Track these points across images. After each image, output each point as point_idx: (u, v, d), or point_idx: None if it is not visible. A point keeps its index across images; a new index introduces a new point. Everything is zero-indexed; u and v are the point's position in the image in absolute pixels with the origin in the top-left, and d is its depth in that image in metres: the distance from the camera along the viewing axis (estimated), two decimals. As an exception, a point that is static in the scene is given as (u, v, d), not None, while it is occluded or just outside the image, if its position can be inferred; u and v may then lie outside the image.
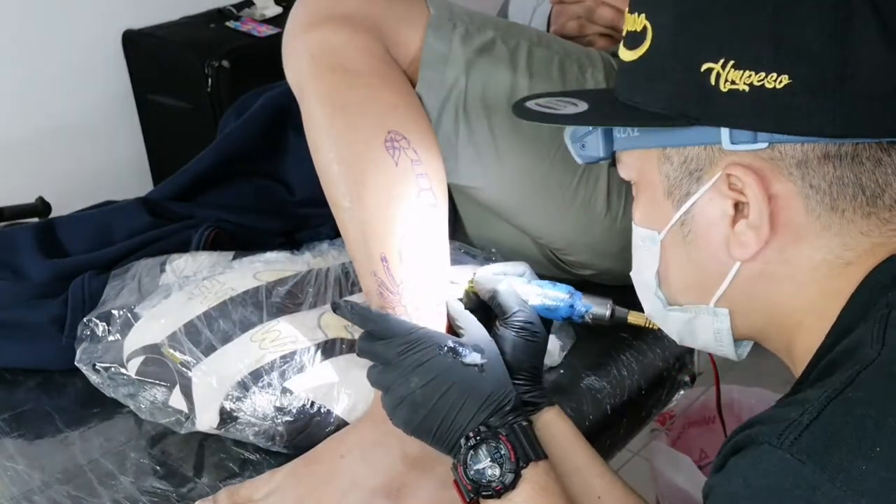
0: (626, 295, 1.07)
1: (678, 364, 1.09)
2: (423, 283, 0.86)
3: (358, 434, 0.83)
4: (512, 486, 0.71)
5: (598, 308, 0.87)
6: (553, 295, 0.87)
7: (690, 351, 1.10)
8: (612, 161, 0.73)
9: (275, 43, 0.95)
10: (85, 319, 0.98)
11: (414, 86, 0.94)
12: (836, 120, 0.58)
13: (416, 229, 0.86)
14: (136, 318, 0.96)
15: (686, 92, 0.62)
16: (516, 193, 1.00)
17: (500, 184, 0.99)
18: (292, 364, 0.88)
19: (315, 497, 0.80)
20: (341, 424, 0.87)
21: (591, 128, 0.72)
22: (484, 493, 0.72)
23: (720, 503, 0.55)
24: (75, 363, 0.95)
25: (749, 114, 0.59)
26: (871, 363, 0.54)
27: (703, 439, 1.41)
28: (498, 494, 0.71)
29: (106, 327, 0.96)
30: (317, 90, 0.88)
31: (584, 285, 0.92)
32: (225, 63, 1.74)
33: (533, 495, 0.72)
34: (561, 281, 0.95)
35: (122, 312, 0.97)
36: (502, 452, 0.72)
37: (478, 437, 0.73)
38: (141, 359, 0.91)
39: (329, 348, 0.90)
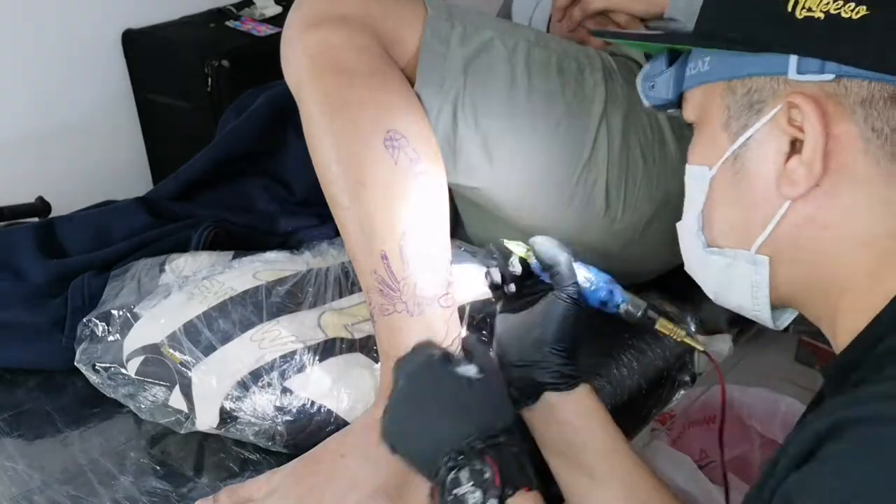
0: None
1: (678, 364, 1.09)
2: (423, 281, 0.86)
3: (358, 434, 0.83)
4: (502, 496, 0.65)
5: (634, 302, 0.87)
6: (597, 278, 0.87)
7: (690, 351, 1.10)
8: (679, 105, 0.71)
9: (275, 42, 0.95)
10: (84, 320, 0.98)
11: (413, 85, 0.94)
12: None
13: (416, 227, 0.87)
14: (136, 318, 0.96)
15: (761, 18, 0.60)
16: (515, 193, 1.00)
17: (498, 184, 0.99)
18: (292, 364, 0.88)
19: (315, 497, 0.80)
20: (341, 424, 0.87)
21: (664, 67, 0.71)
22: None
23: (851, 499, 0.47)
24: (75, 363, 0.95)
25: (820, 42, 0.58)
26: None
27: (703, 439, 1.41)
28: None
29: (105, 327, 0.96)
30: (315, 90, 0.88)
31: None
32: (225, 63, 1.74)
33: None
34: None
35: (121, 312, 0.96)
36: (486, 476, 0.65)
37: (459, 458, 0.66)
38: (141, 359, 0.91)
39: (329, 348, 0.90)
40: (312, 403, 0.87)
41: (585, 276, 0.86)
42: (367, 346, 0.91)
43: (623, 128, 1.00)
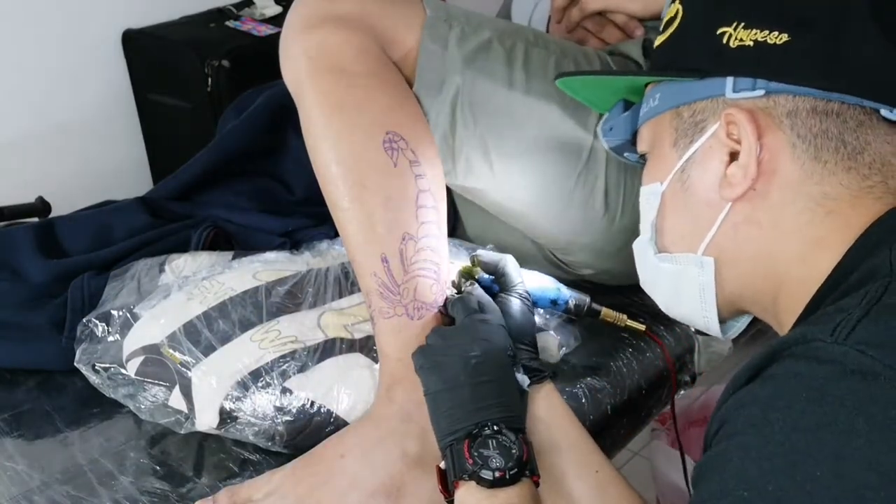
0: (626, 295, 1.08)
1: (678, 364, 1.09)
2: (424, 285, 0.86)
3: (358, 434, 0.83)
4: (511, 481, 0.71)
5: (579, 297, 0.96)
6: (543, 279, 0.95)
7: (690, 350, 1.10)
8: (633, 143, 0.81)
9: (275, 42, 0.95)
10: (84, 320, 0.98)
11: (411, 86, 0.94)
12: (825, 77, 0.65)
13: (417, 230, 0.86)
14: (136, 318, 0.96)
15: (702, 53, 0.70)
16: (514, 194, 1.00)
17: (498, 184, 0.99)
18: (292, 364, 0.88)
19: (315, 497, 0.80)
20: (341, 424, 0.87)
21: (621, 112, 0.82)
22: (481, 476, 0.70)
23: (761, 411, 0.54)
24: (75, 363, 0.95)
25: (751, 65, 0.67)
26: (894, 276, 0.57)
27: (702, 439, 1.40)
28: (492, 483, 0.70)
29: (105, 328, 0.96)
30: (314, 91, 0.88)
31: (579, 285, 0.94)
32: (225, 63, 1.74)
33: (524, 498, 0.71)
34: (561, 281, 0.96)
35: (121, 313, 0.96)
36: (513, 451, 0.71)
37: (497, 427, 0.73)
38: (140, 359, 0.91)
39: (329, 348, 0.90)
40: (312, 403, 0.87)
41: (532, 279, 0.92)
42: (367, 347, 0.91)
43: None
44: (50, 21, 1.76)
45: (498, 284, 0.88)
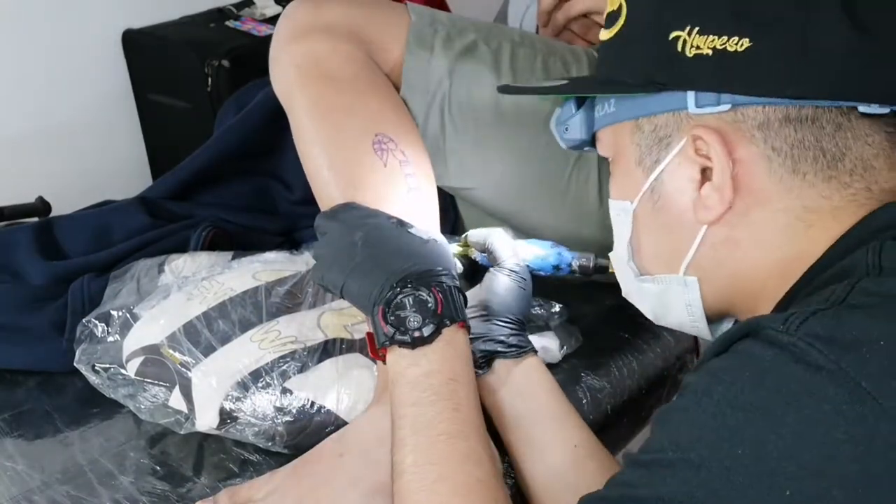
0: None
1: (678, 363, 1.09)
2: None
3: (357, 433, 0.83)
4: (430, 339, 0.71)
5: (583, 255, 0.92)
6: (542, 248, 0.91)
7: (691, 350, 1.10)
8: (593, 143, 0.76)
9: (274, 43, 0.96)
10: (84, 320, 0.98)
11: (399, 91, 0.95)
12: (796, 82, 0.60)
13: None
14: (136, 318, 0.96)
15: (655, 60, 0.64)
16: (506, 192, 1.01)
17: (489, 184, 1.00)
18: (292, 364, 0.88)
19: (315, 496, 0.80)
20: (341, 424, 0.86)
21: (573, 111, 0.75)
22: (399, 340, 0.71)
23: (708, 382, 0.54)
24: (74, 364, 0.95)
25: (712, 77, 0.62)
26: (869, 276, 0.55)
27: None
28: (412, 344, 0.70)
29: (105, 328, 0.96)
30: (304, 99, 0.91)
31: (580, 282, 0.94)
32: (225, 63, 1.74)
33: (447, 356, 0.71)
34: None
35: (121, 313, 0.96)
36: (429, 305, 0.72)
37: (407, 285, 0.72)
38: (140, 359, 0.91)
39: (329, 348, 0.90)
40: (312, 404, 0.87)
41: (531, 249, 0.90)
42: (366, 347, 0.91)
43: None
44: (50, 21, 1.76)
45: (489, 261, 0.89)
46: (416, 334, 0.71)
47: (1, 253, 1.15)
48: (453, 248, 0.91)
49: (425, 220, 0.90)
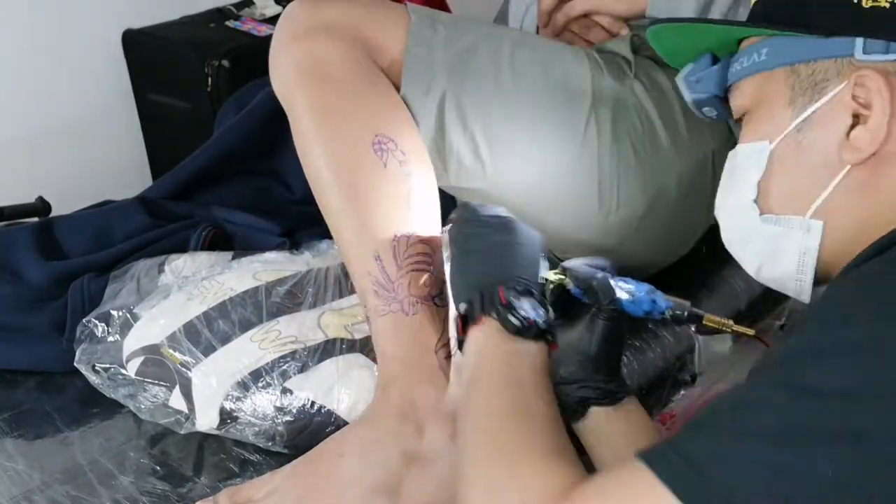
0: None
1: (678, 363, 1.09)
2: (417, 276, 0.87)
3: (357, 433, 0.83)
4: (541, 334, 0.71)
5: (678, 304, 0.86)
6: (638, 290, 0.86)
7: (691, 350, 1.10)
8: (724, 99, 0.77)
9: (275, 42, 0.96)
10: (84, 320, 0.98)
11: (399, 91, 0.95)
12: None
13: (408, 227, 0.88)
14: (136, 318, 0.96)
15: (828, 10, 0.67)
16: (508, 194, 1.01)
17: (490, 184, 1.00)
18: (292, 364, 0.88)
19: (315, 496, 0.80)
20: (341, 424, 0.87)
21: (709, 65, 0.78)
22: (509, 318, 0.70)
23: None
24: (74, 364, 0.95)
25: (885, 26, 0.65)
26: None
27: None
28: (517, 330, 0.70)
29: (105, 328, 0.96)
30: (304, 100, 0.91)
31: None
32: (225, 63, 1.74)
33: (534, 365, 0.70)
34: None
35: (121, 313, 0.97)
36: (542, 311, 0.72)
37: (530, 287, 0.73)
38: (140, 359, 0.91)
39: (329, 348, 0.90)
40: (312, 404, 0.87)
41: (626, 289, 0.85)
42: (367, 347, 0.91)
43: (612, 122, 1.00)
44: (50, 21, 1.76)
45: (587, 298, 0.84)
46: (528, 323, 0.71)
47: (1, 253, 1.15)
48: (549, 276, 0.88)
49: (426, 221, 0.90)
